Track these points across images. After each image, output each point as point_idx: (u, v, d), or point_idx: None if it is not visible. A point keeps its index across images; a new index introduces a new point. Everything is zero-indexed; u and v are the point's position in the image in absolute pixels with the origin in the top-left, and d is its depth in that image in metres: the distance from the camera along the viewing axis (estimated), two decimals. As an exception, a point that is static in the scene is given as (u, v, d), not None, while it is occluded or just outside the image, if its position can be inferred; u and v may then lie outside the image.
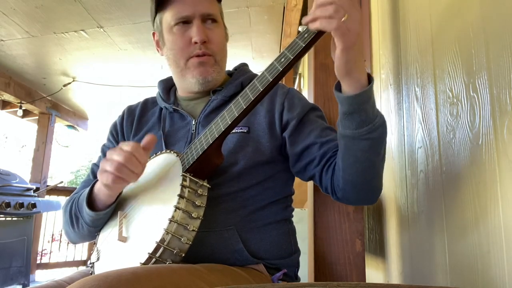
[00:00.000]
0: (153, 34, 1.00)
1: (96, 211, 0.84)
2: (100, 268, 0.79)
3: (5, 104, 4.43)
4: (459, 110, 0.71)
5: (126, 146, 0.76)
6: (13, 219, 3.28)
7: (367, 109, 0.69)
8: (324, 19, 0.61)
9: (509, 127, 0.56)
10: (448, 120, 0.75)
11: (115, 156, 0.75)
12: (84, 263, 4.64)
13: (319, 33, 0.66)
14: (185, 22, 0.90)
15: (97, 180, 0.85)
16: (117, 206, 0.87)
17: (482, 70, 0.63)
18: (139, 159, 0.76)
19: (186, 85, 0.96)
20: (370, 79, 0.69)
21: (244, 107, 0.73)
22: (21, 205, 3.20)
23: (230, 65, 1.10)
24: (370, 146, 0.72)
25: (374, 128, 0.70)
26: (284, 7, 2.72)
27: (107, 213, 0.86)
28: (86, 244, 4.71)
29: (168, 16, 0.92)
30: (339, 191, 0.82)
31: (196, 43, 0.89)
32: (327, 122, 0.95)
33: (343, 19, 0.60)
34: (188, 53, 0.91)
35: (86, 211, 0.84)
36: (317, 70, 1.23)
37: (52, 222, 4.70)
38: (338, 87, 0.71)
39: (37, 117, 4.61)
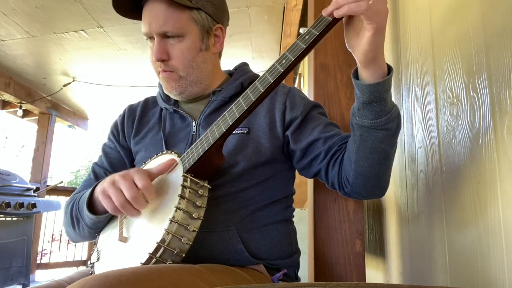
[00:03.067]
0: None
1: (96, 215, 0.84)
2: (100, 268, 0.79)
3: (5, 104, 4.43)
4: (459, 110, 0.71)
5: (139, 180, 0.72)
6: (13, 219, 3.28)
7: (387, 99, 0.68)
8: (352, 3, 0.60)
9: (509, 127, 0.56)
10: (448, 120, 0.75)
11: (124, 188, 0.72)
12: (84, 263, 4.64)
13: (321, 34, 0.66)
14: (151, 37, 0.89)
15: (98, 183, 0.85)
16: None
17: (482, 70, 0.63)
18: (146, 199, 0.73)
19: None
20: (389, 68, 0.68)
21: (245, 108, 0.73)
22: (21, 205, 3.20)
23: (230, 65, 1.10)
24: (387, 136, 0.71)
25: (392, 118, 0.70)
26: (284, 7, 2.72)
27: (108, 216, 0.86)
28: (86, 244, 4.71)
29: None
30: (348, 185, 0.81)
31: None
32: (329, 119, 0.95)
33: (370, 1, 0.59)
34: (156, 69, 0.92)
35: (86, 214, 0.84)
36: (317, 70, 1.23)
37: (52, 222, 4.70)
38: (356, 76, 0.70)
39: (37, 117, 4.60)
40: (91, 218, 0.83)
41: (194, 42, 0.89)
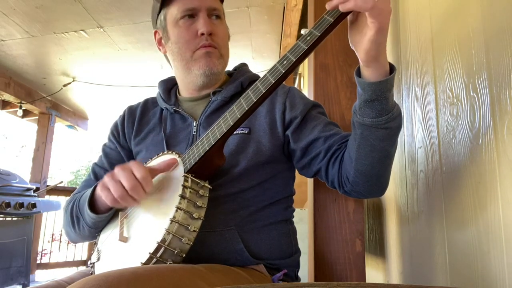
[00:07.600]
0: (155, 32, 1.00)
1: (97, 214, 0.84)
2: (101, 268, 0.79)
3: (5, 104, 4.42)
4: (459, 110, 0.71)
5: (137, 171, 0.74)
6: (13, 219, 3.28)
7: (388, 97, 0.68)
8: None
9: (509, 127, 0.56)
10: (448, 120, 0.75)
11: (123, 179, 0.73)
12: (84, 263, 4.64)
13: (322, 35, 0.66)
14: (191, 15, 0.92)
15: (99, 182, 0.85)
16: (118, 207, 0.87)
17: (482, 70, 0.63)
18: (145, 189, 0.74)
19: (191, 79, 0.95)
20: (392, 68, 0.69)
21: (246, 109, 0.73)
22: (21, 205, 3.20)
23: (230, 65, 1.10)
24: (387, 135, 0.71)
25: (393, 117, 0.70)
26: (284, 7, 2.72)
27: (109, 215, 0.86)
28: (86, 244, 4.71)
29: (173, 10, 0.93)
30: (348, 184, 0.81)
31: (202, 34, 0.90)
32: (328, 118, 0.95)
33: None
34: (194, 45, 0.92)
35: (87, 213, 0.84)
36: (317, 70, 1.23)
37: (52, 222, 4.70)
38: (358, 73, 0.70)
39: (37, 117, 4.60)
40: (92, 217, 0.84)
41: (227, 28, 0.99)
